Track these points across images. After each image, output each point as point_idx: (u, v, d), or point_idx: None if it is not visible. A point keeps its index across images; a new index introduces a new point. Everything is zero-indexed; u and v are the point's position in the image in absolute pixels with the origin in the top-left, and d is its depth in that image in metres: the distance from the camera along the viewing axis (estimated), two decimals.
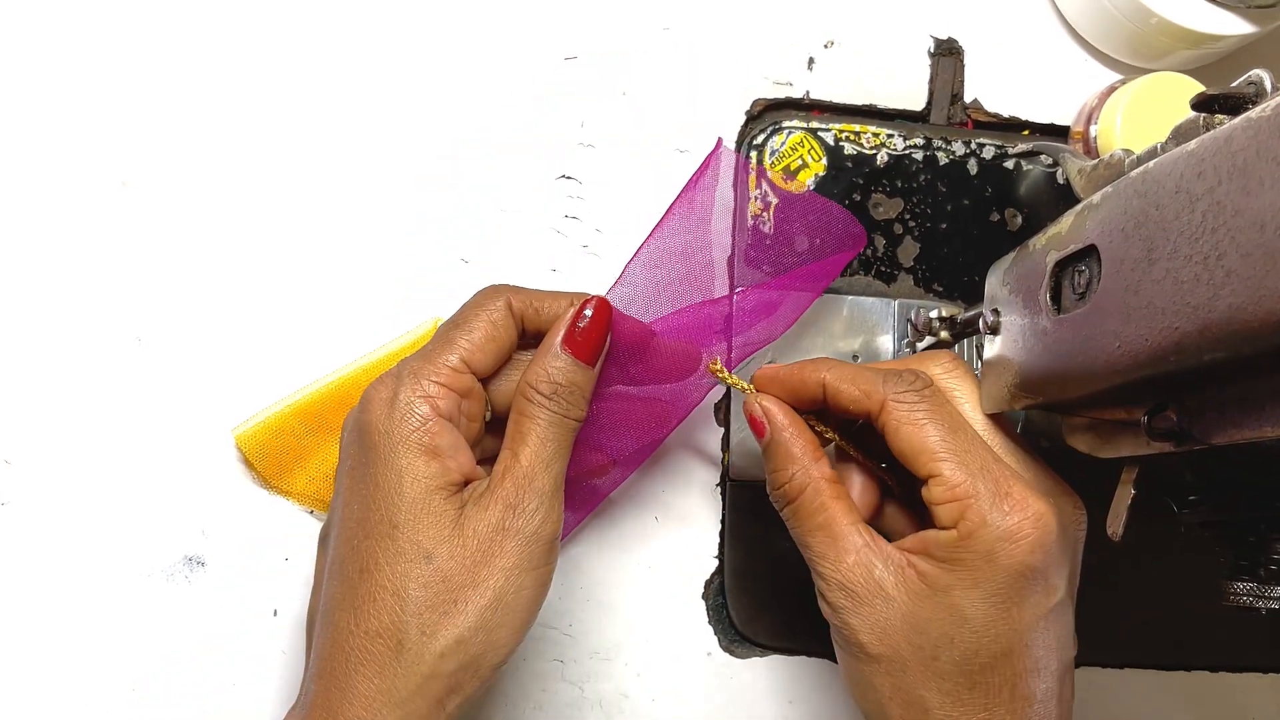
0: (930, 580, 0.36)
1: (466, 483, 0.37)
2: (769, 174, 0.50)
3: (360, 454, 0.36)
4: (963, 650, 0.35)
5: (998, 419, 0.40)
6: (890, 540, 0.38)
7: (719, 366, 0.44)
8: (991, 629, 0.35)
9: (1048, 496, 0.36)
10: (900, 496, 0.42)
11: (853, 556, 0.37)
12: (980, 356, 0.44)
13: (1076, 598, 0.38)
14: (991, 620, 0.35)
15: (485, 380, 0.39)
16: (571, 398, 0.38)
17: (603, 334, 0.39)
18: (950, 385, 0.40)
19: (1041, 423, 0.51)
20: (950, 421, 0.37)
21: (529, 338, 0.40)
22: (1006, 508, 0.35)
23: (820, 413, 0.41)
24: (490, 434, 0.41)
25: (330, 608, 0.36)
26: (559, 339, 0.39)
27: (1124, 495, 0.38)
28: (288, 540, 0.47)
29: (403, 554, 0.35)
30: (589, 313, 0.39)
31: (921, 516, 0.40)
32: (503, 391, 0.40)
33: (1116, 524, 0.38)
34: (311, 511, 0.47)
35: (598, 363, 0.39)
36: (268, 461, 0.46)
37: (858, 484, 0.41)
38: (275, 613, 0.46)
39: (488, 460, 0.40)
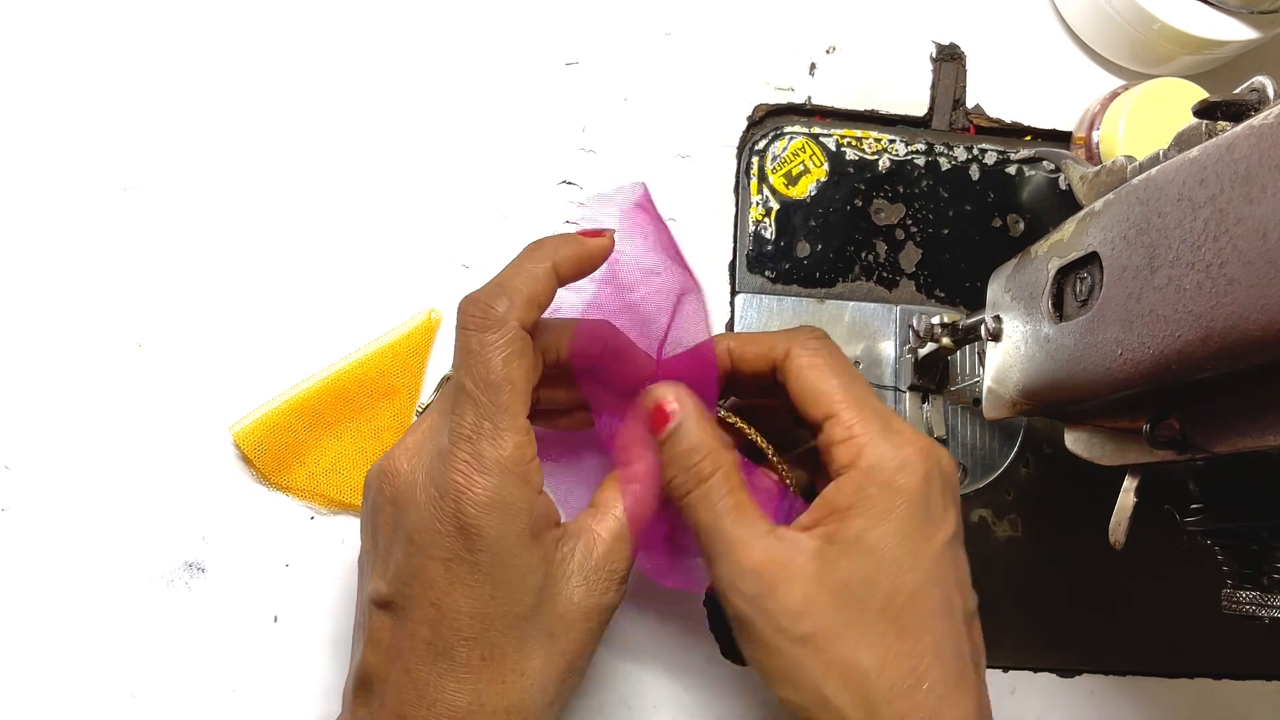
0: (842, 535, 0.36)
1: (555, 535, 0.37)
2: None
3: (468, 554, 0.35)
4: (886, 591, 0.36)
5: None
6: None
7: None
8: (906, 561, 0.36)
9: (926, 439, 0.38)
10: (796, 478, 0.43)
11: (763, 539, 0.37)
12: (982, 363, 0.44)
13: (1079, 604, 0.38)
14: (904, 554, 0.36)
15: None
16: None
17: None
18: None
19: (1043, 430, 0.51)
20: (845, 371, 0.39)
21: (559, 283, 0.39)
22: (898, 442, 0.37)
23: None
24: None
25: (440, 691, 0.36)
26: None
27: (1126, 503, 0.38)
28: (288, 546, 0.47)
29: (529, 638, 0.36)
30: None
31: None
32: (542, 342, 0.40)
33: (1119, 532, 0.38)
34: (312, 517, 0.47)
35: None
36: (266, 458, 0.46)
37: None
38: (275, 619, 0.46)
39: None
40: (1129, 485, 0.38)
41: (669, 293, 0.44)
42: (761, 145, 0.52)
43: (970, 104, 0.54)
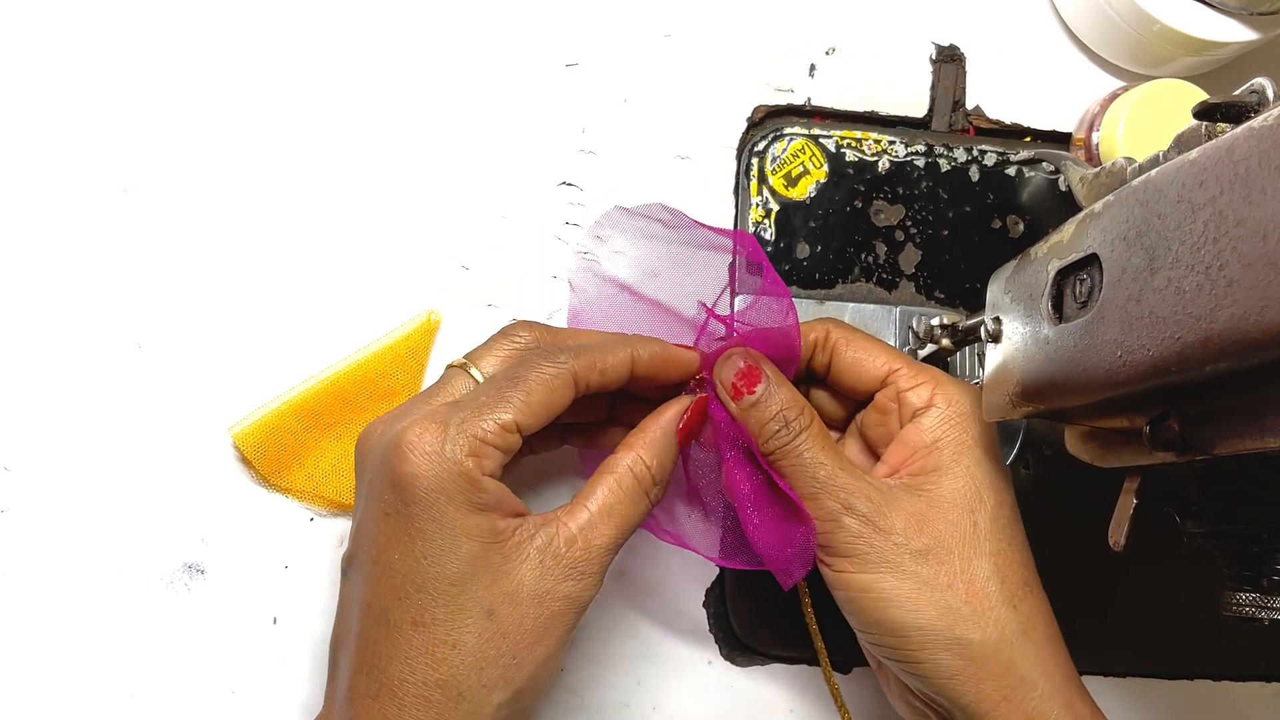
0: (937, 461, 0.39)
1: (514, 524, 0.37)
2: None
3: (402, 505, 0.35)
4: (991, 507, 0.39)
5: None
6: None
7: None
8: (1001, 481, 0.40)
9: None
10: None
11: (868, 475, 0.39)
12: (982, 364, 0.44)
13: (1079, 605, 0.38)
14: (997, 475, 0.40)
15: None
16: (664, 489, 0.40)
17: (701, 423, 0.41)
18: None
19: (1043, 431, 0.51)
20: (880, 341, 0.43)
21: (581, 393, 0.39)
22: (959, 384, 0.41)
23: None
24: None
25: (376, 650, 0.36)
26: (675, 431, 0.40)
27: (1126, 505, 0.38)
28: (287, 548, 0.47)
29: (463, 610, 0.35)
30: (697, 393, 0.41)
31: None
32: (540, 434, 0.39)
33: (1119, 534, 0.38)
34: (312, 518, 0.47)
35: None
36: (266, 459, 0.46)
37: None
38: (275, 620, 0.46)
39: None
40: (1129, 487, 0.38)
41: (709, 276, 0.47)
42: (761, 146, 0.52)
43: (970, 105, 0.54)
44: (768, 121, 0.53)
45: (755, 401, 0.39)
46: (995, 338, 0.42)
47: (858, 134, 0.52)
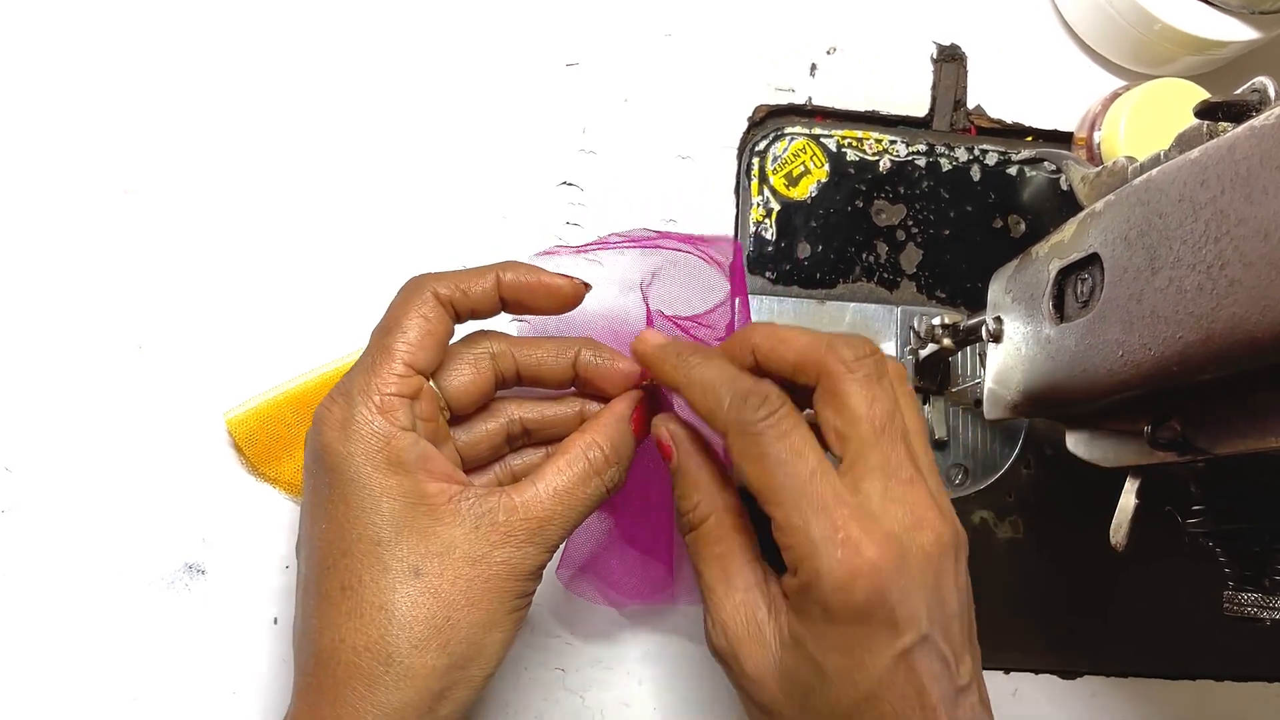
0: (791, 631, 0.34)
1: (449, 490, 0.36)
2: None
3: (323, 475, 0.36)
4: (824, 700, 0.34)
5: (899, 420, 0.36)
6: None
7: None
8: (847, 677, 0.33)
9: (897, 527, 0.33)
10: None
11: (740, 596, 0.36)
12: (984, 364, 0.44)
13: (1080, 606, 0.38)
14: (844, 669, 0.33)
15: (432, 375, 0.39)
16: (622, 474, 0.39)
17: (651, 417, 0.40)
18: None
19: (1045, 431, 0.51)
20: (793, 452, 0.34)
21: (463, 319, 0.39)
22: (840, 555, 0.32)
23: None
24: (457, 427, 0.40)
25: (310, 625, 0.36)
26: (630, 413, 0.39)
27: (1127, 505, 0.38)
28: (288, 548, 0.47)
29: (388, 570, 0.35)
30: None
31: None
32: (455, 386, 0.39)
33: (1120, 534, 0.38)
34: None
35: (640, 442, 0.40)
36: (257, 447, 0.46)
37: None
38: (275, 620, 0.46)
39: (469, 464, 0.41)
40: (1130, 487, 0.38)
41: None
42: (762, 146, 0.52)
43: (971, 105, 0.54)
44: (769, 121, 0.53)
45: (671, 471, 0.39)
46: (996, 337, 0.42)
47: (859, 133, 0.52)
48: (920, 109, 0.54)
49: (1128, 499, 0.38)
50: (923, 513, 0.33)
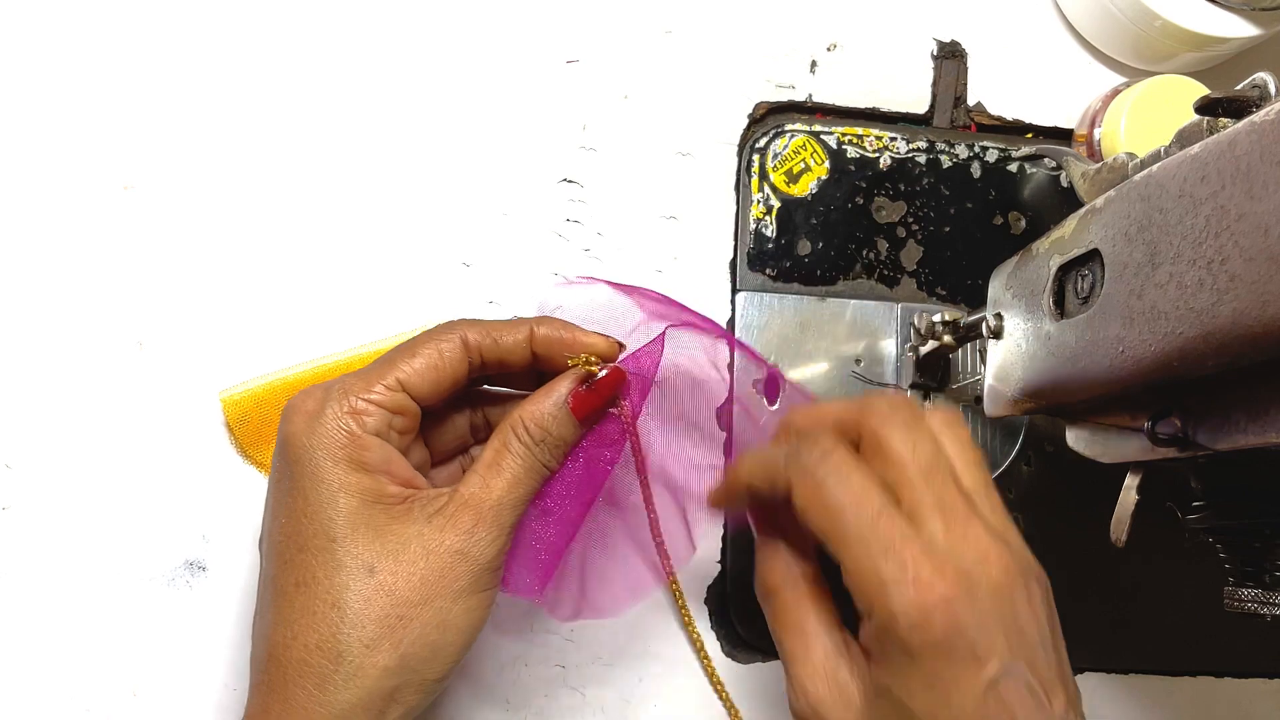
0: (876, 682, 0.34)
1: (407, 493, 0.36)
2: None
3: (285, 467, 0.36)
4: None
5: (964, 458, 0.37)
6: None
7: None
8: (936, 717, 0.32)
9: (964, 562, 0.33)
10: None
11: (819, 659, 0.36)
12: (984, 361, 0.44)
13: (1081, 602, 0.37)
14: (933, 708, 0.32)
15: (431, 410, 0.39)
16: (556, 450, 0.38)
17: (604, 402, 0.39)
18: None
19: (1045, 427, 0.51)
20: (856, 495, 0.33)
21: (490, 368, 0.39)
22: (913, 593, 0.32)
23: None
24: (425, 420, 0.40)
25: (266, 620, 0.36)
26: (566, 391, 0.38)
27: (1128, 501, 0.38)
28: None
29: (342, 567, 0.35)
30: (601, 374, 0.39)
31: None
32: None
33: (1121, 530, 0.38)
34: None
35: (589, 426, 0.39)
36: (247, 429, 0.46)
37: None
38: None
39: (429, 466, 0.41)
40: (1131, 483, 0.38)
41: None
42: (762, 143, 0.52)
43: (972, 101, 0.54)
44: (769, 118, 0.53)
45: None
46: (997, 334, 0.42)
47: (859, 130, 0.52)
48: (921, 106, 0.54)
49: (1128, 495, 0.38)
50: (985, 546, 0.33)
